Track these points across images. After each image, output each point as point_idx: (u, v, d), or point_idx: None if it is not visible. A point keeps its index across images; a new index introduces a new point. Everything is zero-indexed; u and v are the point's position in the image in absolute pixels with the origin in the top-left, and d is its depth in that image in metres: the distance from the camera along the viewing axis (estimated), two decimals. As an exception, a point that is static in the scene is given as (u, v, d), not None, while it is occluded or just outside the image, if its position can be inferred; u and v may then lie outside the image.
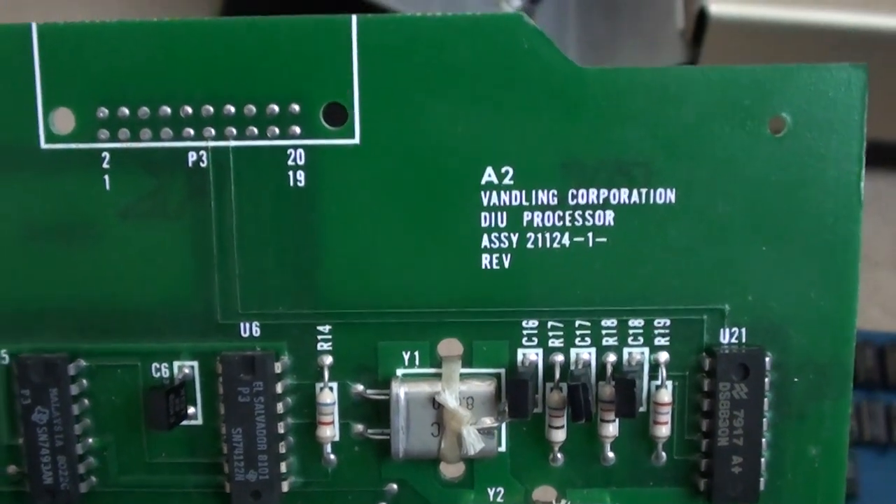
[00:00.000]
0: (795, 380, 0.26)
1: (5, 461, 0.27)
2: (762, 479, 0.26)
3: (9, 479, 0.27)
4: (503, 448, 0.26)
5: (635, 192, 0.25)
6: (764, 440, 0.26)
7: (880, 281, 0.48)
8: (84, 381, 0.26)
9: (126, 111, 0.25)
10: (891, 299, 0.47)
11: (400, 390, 0.26)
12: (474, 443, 0.26)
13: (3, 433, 0.27)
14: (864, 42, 0.41)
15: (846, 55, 0.41)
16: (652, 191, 0.25)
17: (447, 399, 0.25)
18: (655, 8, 0.42)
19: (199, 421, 0.26)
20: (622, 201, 0.25)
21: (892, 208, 0.49)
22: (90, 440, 0.27)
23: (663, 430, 0.26)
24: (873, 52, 0.41)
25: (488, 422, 0.26)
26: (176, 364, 0.26)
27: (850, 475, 0.39)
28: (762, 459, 0.26)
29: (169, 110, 0.25)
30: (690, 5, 0.40)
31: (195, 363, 0.26)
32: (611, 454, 0.26)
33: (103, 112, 0.25)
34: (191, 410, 0.26)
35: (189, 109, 0.25)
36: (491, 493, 0.27)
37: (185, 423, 0.26)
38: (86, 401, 0.26)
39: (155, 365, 0.26)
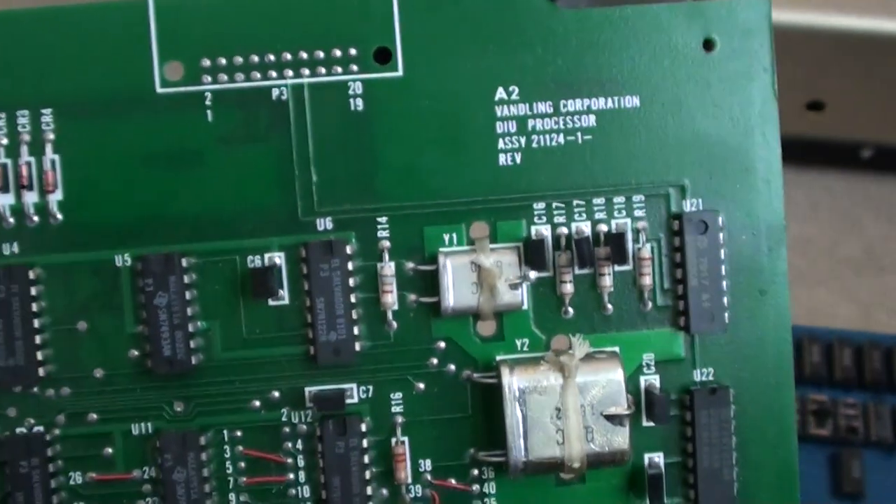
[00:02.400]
0: (742, 237, 0.34)
1: (128, 346, 0.33)
2: (726, 314, 0.34)
3: (130, 362, 0.33)
4: (526, 306, 0.34)
5: (610, 99, 0.34)
6: (724, 283, 0.34)
7: (888, 285, 0.50)
8: (193, 275, 0.33)
9: (223, 60, 0.33)
10: None
11: (446, 259, 0.33)
12: (505, 292, 0.33)
13: (128, 323, 0.33)
14: (873, 47, 0.44)
15: (855, 59, 0.45)
16: (621, 98, 0.34)
17: (483, 260, 0.33)
18: None
19: (287, 301, 0.33)
20: (600, 107, 0.34)
21: None
22: (199, 323, 0.33)
23: (647, 280, 0.34)
24: (880, 57, 0.45)
25: (514, 278, 0.33)
26: (266, 255, 0.33)
27: (856, 476, 0.42)
28: (724, 298, 0.34)
29: (256, 58, 0.33)
30: None
31: (282, 254, 0.33)
32: (609, 305, 0.34)
33: (206, 62, 0.33)
34: (280, 292, 0.33)
35: (272, 56, 0.33)
36: (518, 343, 0.34)
37: (274, 302, 0.33)
38: (195, 290, 0.33)
39: (250, 257, 0.33)
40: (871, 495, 0.42)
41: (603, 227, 0.34)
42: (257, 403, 0.33)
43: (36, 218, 0.33)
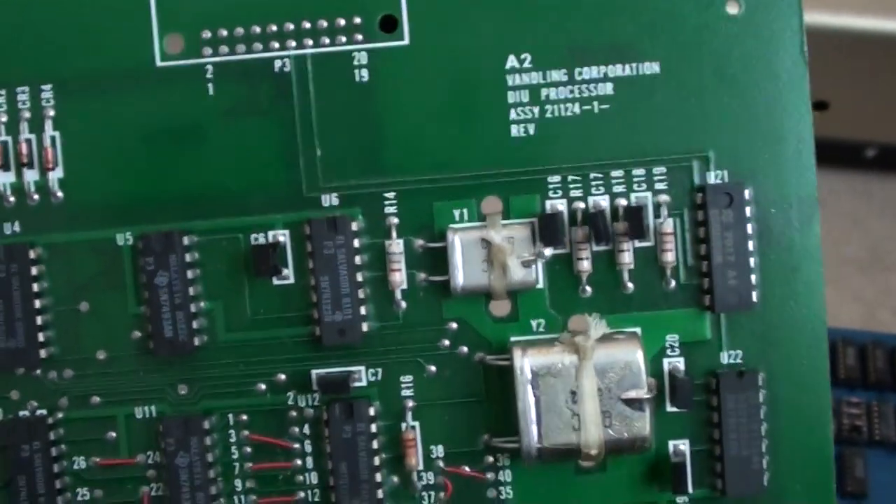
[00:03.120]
0: (772, 210, 0.32)
1: (131, 328, 0.32)
2: (754, 293, 0.32)
3: (133, 343, 0.32)
4: (541, 285, 0.32)
5: (628, 66, 0.32)
6: (752, 260, 0.32)
7: (892, 284, 0.50)
8: (195, 253, 0.32)
9: (224, 32, 0.32)
10: None
11: (455, 237, 0.32)
12: (517, 270, 0.31)
13: (130, 303, 0.32)
14: (877, 46, 0.44)
15: (859, 58, 0.46)
16: (640, 65, 0.32)
17: (493, 236, 0.31)
18: None
19: (292, 280, 0.32)
20: (618, 75, 0.32)
21: None
22: (201, 303, 0.32)
23: (670, 257, 0.32)
24: (884, 57, 0.45)
25: (527, 255, 0.32)
26: (271, 233, 0.32)
27: (859, 475, 0.41)
28: (752, 276, 0.32)
29: (258, 28, 0.32)
30: None
31: (287, 231, 0.32)
32: (629, 283, 0.32)
33: (206, 34, 0.32)
34: (284, 271, 0.32)
35: (274, 27, 0.32)
36: (534, 324, 0.32)
37: (279, 281, 0.32)
38: (197, 269, 0.32)
39: (254, 235, 0.32)
40: (875, 495, 0.41)
41: (622, 201, 0.32)
42: (263, 386, 0.32)
43: (36, 196, 0.32)
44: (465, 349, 0.32)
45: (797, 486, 0.32)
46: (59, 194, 0.32)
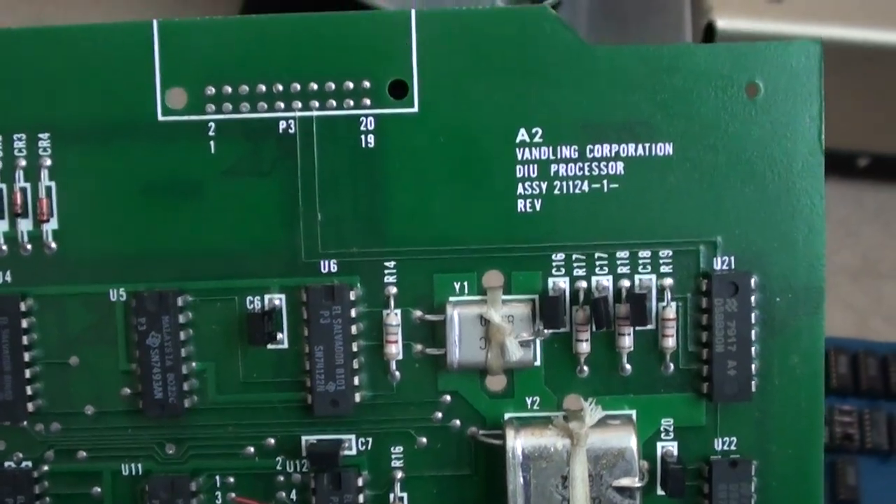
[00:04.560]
0: (777, 300, 0.31)
1: (121, 384, 0.32)
2: (753, 382, 0.31)
3: (122, 400, 0.32)
4: (538, 363, 0.32)
5: (640, 146, 0.31)
6: (753, 349, 0.31)
7: (884, 292, 0.50)
8: (189, 314, 0.32)
9: (229, 89, 0.31)
10: (894, 310, 0.50)
11: (454, 311, 0.31)
12: (515, 351, 0.31)
13: (121, 360, 0.32)
14: (866, 57, 0.45)
15: (850, 69, 0.46)
16: (653, 145, 0.31)
17: (492, 315, 0.31)
18: (664, 21, 0.46)
19: (286, 345, 0.32)
20: (630, 154, 0.31)
21: None
22: (193, 364, 0.32)
23: (670, 342, 0.31)
24: (875, 67, 0.45)
25: (526, 335, 0.31)
26: (267, 297, 0.32)
27: (852, 483, 0.41)
28: (752, 365, 0.31)
29: (264, 87, 0.31)
30: (698, 19, 0.44)
31: (283, 296, 0.32)
32: (627, 366, 0.32)
33: (210, 90, 0.31)
34: (279, 336, 0.32)
35: (280, 86, 0.31)
36: (529, 401, 0.32)
37: (273, 346, 0.32)
38: (190, 330, 0.32)
39: (249, 298, 0.32)
40: (867, 502, 0.41)
41: (625, 283, 0.31)
42: (252, 450, 0.32)
43: (29, 246, 0.32)
44: (458, 423, 0.32)
45: (785, 580, 0.32)
46: (53, 246, 0.32)
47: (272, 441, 0.32)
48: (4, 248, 0.32)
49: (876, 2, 0.46)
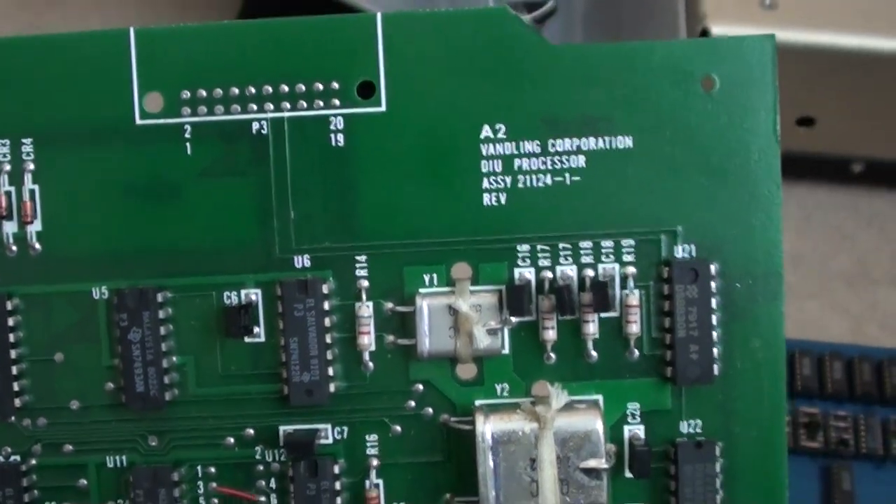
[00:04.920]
0: (737, 285, 0.32)
1: (104, 379, 0.33)
2: (716, 366, 0.32)
3: (106, 395, 0.33)
4: (506, 350, 0.33)
5: (601, 139, 0.32)
6: (715, 333, 0.32)
7: (879, 298, 0.50)
8: (169, 309, 0.33)
9: (203, 92, 0.32)
10: (889, 316, 0.50)
11: (423, 302, 0.32)
12: (482, 339, 0.32)
13: (104, 356, 0.33)
14: (861, 63, 0.45)
15: (844, 75, 0.46)
16: (613, 138, 0.32)
17: (461, 305, 0.32)
18: (659, 28, 0.46)
19: (262, 339, 0.33)
20: (591, 148, 0.32)
21: (890, 226, 0.52)
22: (174, 358, 0.33)
23: (634, 329, 0.32)
24: (869, 73, 0.45)
25: (493, 323, 0.32)
26: (243, 292, 0.33)
27: (847, 488, 0.41)
28: (714, 349, 0.32)
29: (237, 90, 0.32)
30: (693, 26, 0.44)
31: (259, 290, 0.33)
32: (593, 352, 0.33)
33: (186, 94, 0.32)
34: (255, 329, 0.33)
35: (252, 89, 0.32)
36: (498, 388, 0.33)
37: (250, 339, 0.33)
38: (170, 325, 0.33)
39: (226, 293, 0.33)
40: None
41: (589, 272, 0.32)
42: (231, 440, 0.33)
43: (14, 248, 0.33)
44: (431, 410, 0.33)
45: (750, 557, 0.33)
46: (38, 247, 0.33)
47: (251, 431, 0.33)
48: (-10, 250, 0.33)
49: (870, 8, 0.46)
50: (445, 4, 0.47)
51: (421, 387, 0.33)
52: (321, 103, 0.32)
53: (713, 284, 0.32)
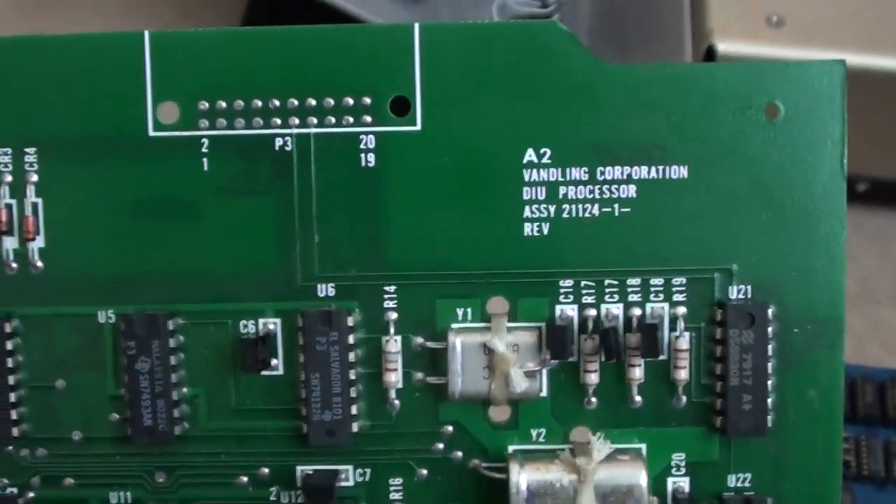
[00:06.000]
0: (795, 331, 0.30)
1: (109, 409, 0.31)
2: (769, 417, 0.30)
3: (110, 426, 0.31)
4: (544, 393, 0.30)
5: (653, 168, 0.30)
6: (769, 382, 0.30)
7: (881, 318, 0.49)
8: (181, 337, 0.30)
9: (223, 104, 0.30)
10: (892, 336, 0.49)
11: (456, 339, 0.30)
12: (520, 382, 0.30)
13: (109, 384, 0.31)
14: (867, 82, 0.44)
15: (850, 94, 0.45)
16: (667, 167, 0.30)
17: (497, 344, 0.30)
18: (664, 45, 0.46)
19: (280, 371, 0.30)
20: (642, 177, 0.30)
21: (894, 247, 0.51)
22: (184, 389, 0.30)
23: (682, 374, 0.30)
24: (876, 92, 0.45)
25: (531, 365, 0.30)
26: (261, 321, 0.30)
27: None
28: (769, 399, 0.30)
29: (259, 103, 0.30)
30: (699, 43, 0.43)
31: (278, 320, 0.30)
32: (638, 398, 0.30)
33: (204, 105, 0.30)
34: (273, 362, 0.30)
35: (276, 102, 0.30)
36: (534, 433, 0.31)
37: (267, 372, 0.30)
38: (181, 354, 0.30)
39: (243, 322, 0.30)
40: None
41: (636, 311, 0.30)
42: (245, 479, 0.31)
43: (15, 265, 0.30)
44: (460, 454, 0.31)
45: None
46: (40, 265, 0.30)
47: (266, 470, 0.31)
48: (-11, 267, 0.30)
49: (877, 28, 0.45)
50: (447, 10, 0.44)
51: (451, 428, 0.31)
52: (351, 119, 0.30)
53: (770, 329, 0.30)
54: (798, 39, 0.44)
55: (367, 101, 0.30)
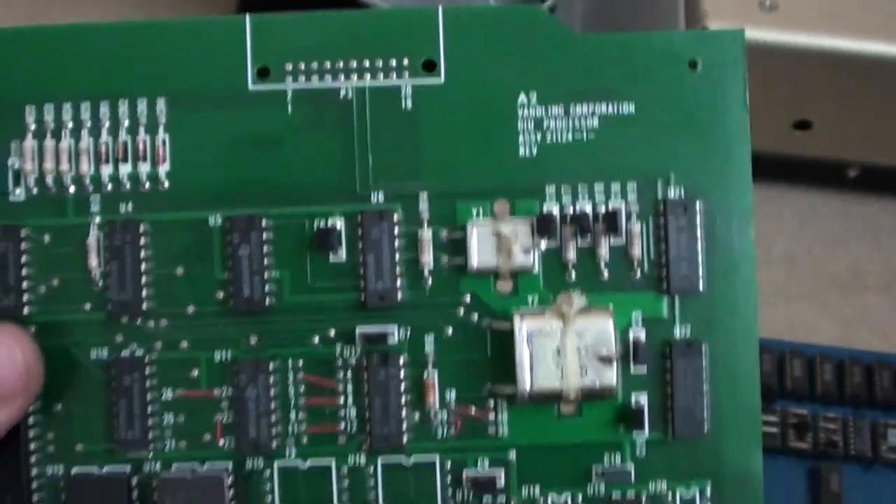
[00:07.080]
0: (717, 221, 0.41)
1: (215, 289, 0.41)
2: (701, 280, 0.41)
3: (216, 302, 0.41)
4: (536, 269, 0.41)
5: (610, 105, 0.42)
6: (700, 256, 0.41)
7: (869, 304, 0.51)
8: (270, 233, 0.41)
9: (302, 65, 0.42)
10: (879, 322, 0.51)
11: (473, 228, 0.41)
12: (519, 256, 0.41)
13: (217, 270, 0.41)
14: (859, 67, 0.46)
15: (842, 79, 0.47)
16: (620, 105, 0.42)
17: (503, 228, 0.41)
18: (659, 28, 0.49)
19: (343, 259, 0.41)
20: (603, 112, 0.42)
21: (884, 233, 0.52)
22: (273, 272, 0.41)
23: (637, 252, 0.41)
24: (867, 78, 0.46)
25: (527, 244, 0.41)
26: (330, 220, 0.41)
27: (835, 490, 0.42)
28: (700, 267, 0.41)
29: (328, 63, 0.42)
30: (692, 26, 0.47)
31: (342, 220, 0.41)
32: (605, 271, 0.41)
33: (288, 66, 0.42)
34: (339, 251, 0.41)
35: (340, 63, 0.42)
36: (530, 299, 0.41)
37: (333, 259, 0.41)
38: (271, 246, 0.41)
39: (316, 221, 0.41)
40: None
41: (602, 208, 0.41)
42: (316, 339, 0.41)
43: (147, 184, 0.41)
44: (476, 316, 0.41)
45: (731, 431, 0.41)
46: (166, 184, 0.41)
47: (332, 332, 0.41)
48: (128, 185, 0.41)
49: (870, 13, 0.46)
50: (446, 1, 0.57)
51: (468, 298, 0.41)
52: (394, 75, 0.42)
53: (698, 218, 0.41)
54: (790, 23, 0.46)
55: (406, 62, 0.42)
